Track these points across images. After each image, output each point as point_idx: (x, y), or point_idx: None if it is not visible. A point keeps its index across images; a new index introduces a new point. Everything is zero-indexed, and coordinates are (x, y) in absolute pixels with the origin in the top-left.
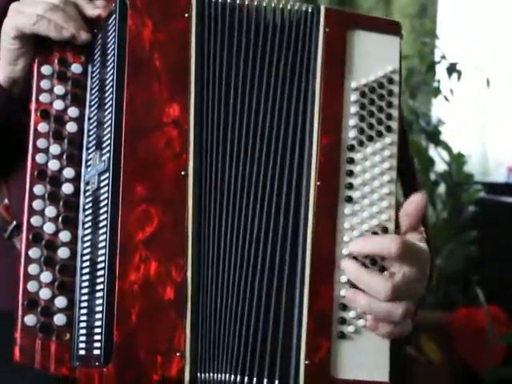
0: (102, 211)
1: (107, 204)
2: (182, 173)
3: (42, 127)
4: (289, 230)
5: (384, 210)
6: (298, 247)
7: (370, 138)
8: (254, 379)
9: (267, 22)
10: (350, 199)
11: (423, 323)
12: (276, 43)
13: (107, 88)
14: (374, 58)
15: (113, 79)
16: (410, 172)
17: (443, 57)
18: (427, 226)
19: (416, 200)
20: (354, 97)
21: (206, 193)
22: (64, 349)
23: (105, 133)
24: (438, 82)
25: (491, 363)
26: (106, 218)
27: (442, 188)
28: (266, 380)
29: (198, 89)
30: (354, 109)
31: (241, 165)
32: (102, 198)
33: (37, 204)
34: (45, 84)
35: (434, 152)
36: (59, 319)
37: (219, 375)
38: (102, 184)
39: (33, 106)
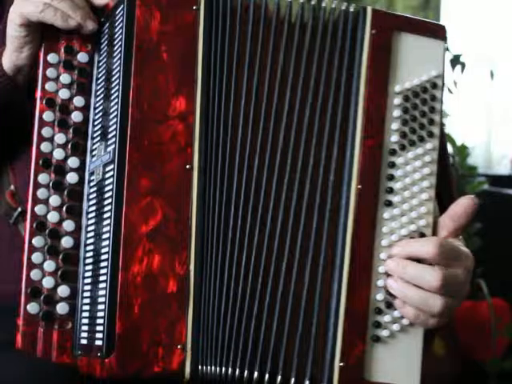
0: (106, 202)
1: (112, 196)
2: (187, 166)
3: (48, 116)
4: (324, 231)
5: (422, 215)
6: (337, 250)
7: (412, 143)
8: (256, 374)
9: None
10: (389, 203)
11: None
12: (317, 42)
13: (114, 78)
14: (418, 61)
15: (119, 70)
16: (447, 179)
17: (447, 49)
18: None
19: (465, 203)
20: (397, 101)
21: (211, 187)
22: (66, 337)
23: (110, 123)
24: None
25: (494, 356)
26: (111, 210)
27: None
28: (292, 379)
29: (205, 82)
30: (397, 113)
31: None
32: (106, 189)
33: (41, 193)
34: (51, 72)
35: None
36: (62, 308)
37: (220, 368)
38: (106, 175)
39: (38, 94)
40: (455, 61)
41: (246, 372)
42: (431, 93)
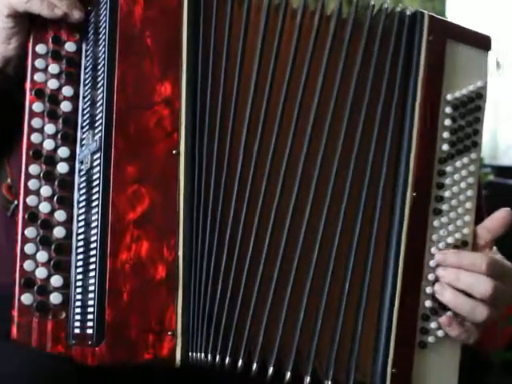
0: (94, 191)
1: (99, 184)
2: (174, 152)
3: (37, 107)
4: (373, 235)
5: (466, 224)
6: (390, 256)
7: (459, 152)
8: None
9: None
10: (439, 212)
11: None
12: (352, 43)
13: (99, 67)
14: (466, 71)
15: (104, 58)
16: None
17: None
18: None
19: (503, 216)
20: (448, 109)
21: (199, 171)
22: (60, 327)
23: (97, 112)
24: None
25: (499, 346)
26: (98, 198)
27: None
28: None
29: (191, 67)
30: (447, 121)
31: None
32: (94, 177)
33: (32, 183)
34: (39, 63)
35: None
36: (55, 298)
37: (212, 355)
38: (94, 164)
39: (27, 85)
40: None
41: (237, 360)
42: (476, 103)
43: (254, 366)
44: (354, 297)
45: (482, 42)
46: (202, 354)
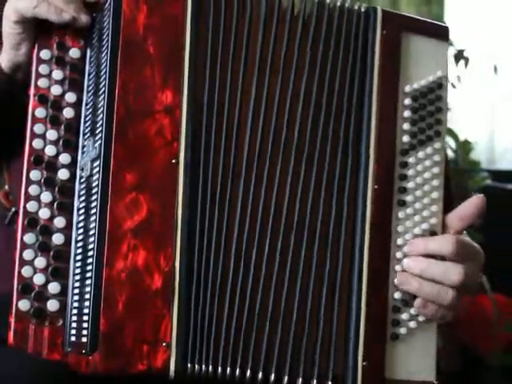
0: (93, 198)
1: (97, 192)
2: (173, 161)
3: (40, 112)
4: (341, 234)
5: (434, 214)
6: (355, 250)
7: (422, 143)
8: (248, 372)
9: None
10: (403, 203)
11: None
12: (323, 39)
13: (102, 73)
14: (425, 62)
15: (106, 64)
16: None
17: (450, 43)
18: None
19: (475, 203)
20: (407, 101)
21: (197, 181)
22: (57, 334)
23: (98, 119)
24: None
25: (496, 350)
26: (96, 206)
27: None
28: (314, 381)
29: (192, 75)
30: (407, 113)
31: (235, 155)
32: (93, 184)
33: (33, 189)
34: (43, 69)
35: None
36: (52, 305)
37: (210, 367)
38: (94, 171)
39: (31, 90)
40: (459, 55)
41: (233, 371)
42: (437, 93)
43: (248, 374)
44: (323, 293)
45: (441, 33)
46: (197, 366)
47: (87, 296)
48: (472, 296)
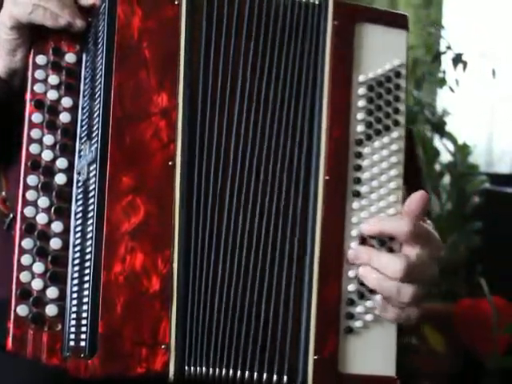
0: (90, 202)
1: (94, 195)
2: (170, 163)
3: (36, 117)
4: (296, 223)
5: (392, 204)
6: (307, 242)
7: (378, 132)
8: (247, 373)
9: (267, 11)
10: (357, 194)
11: (427, 313)
12: (280, 34)
13: (97, 77)
14: (381, 51)
15: (101, 68)
16: (414, 167)
17: (449, 47)
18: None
19: (418, 198)
20: (361, 91)
21: (194, 183)
22: (56, 339)
23: (94, 122)
24: (444, 72)
25: (495, 353)
26: (93, 209)
27: (446, 179)
28: (270, 375)
29: (188, 78)
30: (361, 103)
31: (232, 156)
32: (90, 188)
33: (30, 194)
34: (39, 74)
35: (439, 143)
36: (51, 310)
37: (208, 369)
38: (90, 174)
39: (27, 96)
40: (457, 59)
41: (238, 372)
42: (395, 82)
43: (247, 375)
44: (283, 289)
45: (398, 21)
46: (198, 368)
47: (85, 300)
48: (429, 286)
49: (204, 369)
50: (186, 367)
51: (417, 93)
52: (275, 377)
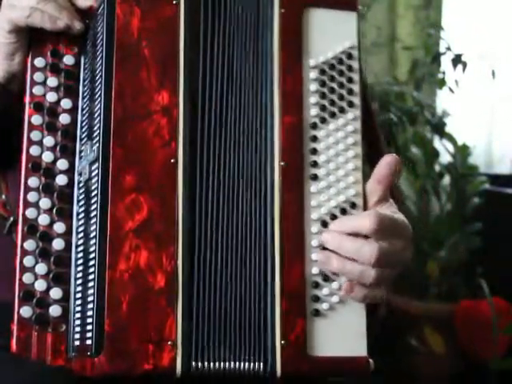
0: (92, 201)
1: (97, 194)
2: (172, 160)
3: (36, 119)
4: (257, 211)
5: (351, 185)
6: (267, 228)
7: (333, 115)
8: (246, 364)
9: (235, 7)
10: (315, 177)
11: (427, 315)
12: (234, 27)
13: (97, 78)
14: (331, 34)
15: (101, 69)
16: (377, 145)
17: (448, 48)
18: (397, 189)
19: (387, 162)
20: (313, 74)
21: (196, 180)
22: (60, 340)
23: (95, 122)
24: (443, 73)
25: (496, 354)
26: (96, 208)
27: (446, 180)
28: (252, 364)
29: (187, 76)
30: (313, 86)
31: (228, 151)
32: (92, 187)
33: (31, 196)
34: (38, 76)
35: (438, 143)
36: (55, 310)
37: (214, 364)
38: (92, 174)
39: (27, 98)
40: (457, 60)
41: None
42: (348, 63)
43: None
44: (244, 274)
45: (347, 3)
46: (205, 363)
47: (90, 298)
48: (400, 270)
49: (210, 364)
50: (193, 363)
51: (416, 94)
52: (251, 365)
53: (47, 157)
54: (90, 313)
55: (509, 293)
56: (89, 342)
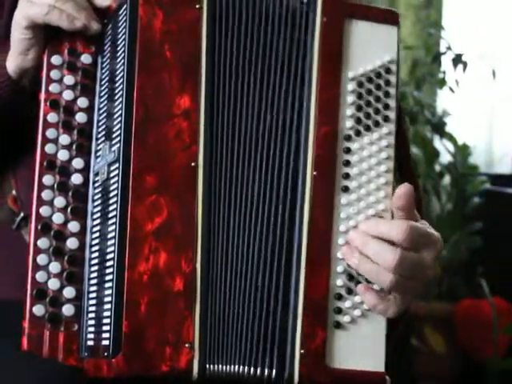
0: (111, 201)
1: (117, 194)
2: (192, 164)
3: (52, 117)
4: (285, 219)
5: (381, 199)
6: (294, 237)
7: (367, 128)
8: (259, 369)
9: (268, 12)
10: (346, 189)
11: (428, 314)
12: (272, 34)
13: (117, 79)
14: (371, 47)
15: (123, 70)
16: (407, 162)
17: (449, 48)
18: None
19: (404, 192)
20: (350, 86)
21: (216, 184)
22: (72, 339)
23: (115, 123)
24: (444, 73)
25: (495, 354)
26: (116, 209)
27: (446, 179)
28: (267, 370)
29: (209, 80)
30: (350, 98)
31: (247, 156)
32: (111, 188)
33: (46, 194)
34: (55, 74)
35: (439, 143)
36: (68, 310)
37: (228, 366)
38: (111, 174)
39: (42, 96)
40: (457, 60)
41: (255, 369)
42: (385, 78)
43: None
44: (264, 281)
45: (388, 18)
46: (222, 366)
47: (107, 299)
48: (425, 289)
49: (225, 367)
50: (211, 365)
51: (417, 93)
52: (266, 371)
53: (62, 155)
54: (106, 313)
55: (509, 293)
56: (106, 342)
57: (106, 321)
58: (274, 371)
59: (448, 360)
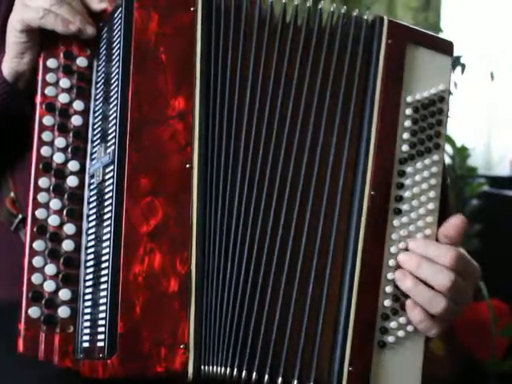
0: (106, 204)
1: (112, 196)
2: (187, 165)
3: (47, 120)
4: (332, 235)
5: (428, 225)
6: (348, 255)
7: (420, 154)
8: (254, 375)
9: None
10: (399, 211)
11: None
12: (324, 47)
13: (112, 81)
14: (428, 74)
15: (118, 72)
16: (444, 191)
17: None
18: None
19: (457, 223)
20: (408, 111)
21: (212, 185)
22: (68, 341)
23: (110, 125)
24: None
25: (494, 356)
26: (111, 211)
27: None
28: (295, 380)
29: (204, 82)
30: (407, 123)
31: (250, 159)
32: (106, 190)
33: (41, 196)
34: (50, 77)
35: None
36: (63, 311)
37: (221, 369)
38: (106, 176)
39: (38, 99)
40: (455, 62)
41: (245, 372)
42: (438, 106)
43: (266, 378)
44: (315, 296)
45: (445, 47)
46: (216, 368)
47: (103, 301)
48: (459, 314)
49: (222, 368)
50: (206, 366)
51: None
52: (295, 382)
53: (58, 158)
54: (101, 315)
55: (508, 295)
56: (101, 343)
57: (101, 322)
58: (266, 376)
59: (446, 362)
